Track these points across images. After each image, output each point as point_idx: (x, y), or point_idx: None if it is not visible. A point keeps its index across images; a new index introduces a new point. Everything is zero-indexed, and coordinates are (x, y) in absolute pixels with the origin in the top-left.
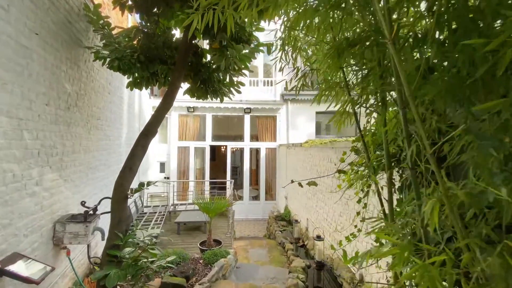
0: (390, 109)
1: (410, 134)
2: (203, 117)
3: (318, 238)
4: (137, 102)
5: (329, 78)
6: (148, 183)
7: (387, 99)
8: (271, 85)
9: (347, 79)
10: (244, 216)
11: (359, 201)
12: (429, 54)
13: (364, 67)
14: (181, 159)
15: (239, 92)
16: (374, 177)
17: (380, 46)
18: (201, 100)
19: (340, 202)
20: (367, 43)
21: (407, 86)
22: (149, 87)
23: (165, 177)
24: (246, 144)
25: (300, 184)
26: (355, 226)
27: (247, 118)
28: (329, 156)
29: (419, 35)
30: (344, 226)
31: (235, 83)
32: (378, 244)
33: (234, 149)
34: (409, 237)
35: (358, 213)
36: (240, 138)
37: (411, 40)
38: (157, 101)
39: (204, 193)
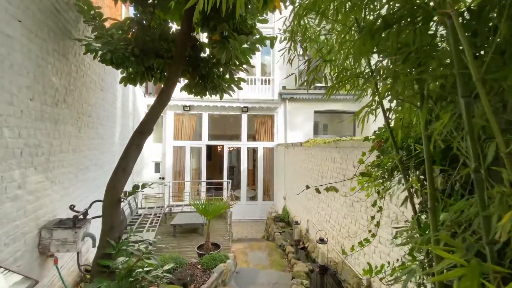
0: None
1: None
2: (199, 116)
3: (321, 241)
4: (131, 100)
5: (350, 68)
6: (143, 185)
7: (424, 91)
8: (269, 83)
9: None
10: (242, 217)
11: (374, 204)
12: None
13: (399, 51)
14: (177, 159)
15: (240, 88)
16: (415, 180)
17: (424, 24)
18: (197, 98)
19: (345, 204)
20: (406, 22)
21: (474, 68)
22: (144, 83)
23: (160, 178)
24: (243, 144)
25: (317, 190)
26: (370, 231)
27: (244, 117)
28: (332, 156)
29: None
30: (350, 229)
31: (236, 79)
32: (410, 257)
33: (231, 149)
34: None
35: (373, 217)
36: (237, 137)
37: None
38: (152, 100)
39: (200, 194)
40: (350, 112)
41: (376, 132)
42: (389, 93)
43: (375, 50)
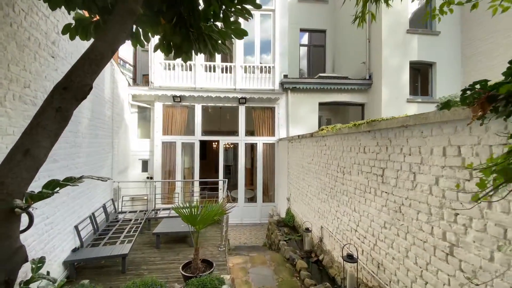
0: None
1: None
2: (192, 108)
3: (350, 258)
4: (109, 87)
5: None
6: (59, 184)
7: None
8: (269, 72)
9: None
10: (239, 221)
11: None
12: None
13: None
14: (167, 156)
15: (242, 35)
16: None
17: None
18: (189, 87)
19: (385, 208)
20: None
21: None
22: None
23: (148, 177)
24: (241, 139)
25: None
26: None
27: (241, 110)
28: (361, 144)
29: None
30: (396, 244)
31: (233, 21)
32: None
33: (227, 146)
34: None
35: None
36: (234, 133)
37: None
38: (138, 90)
39: (192, 195)
40: (357, 103)
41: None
42: None
43: None
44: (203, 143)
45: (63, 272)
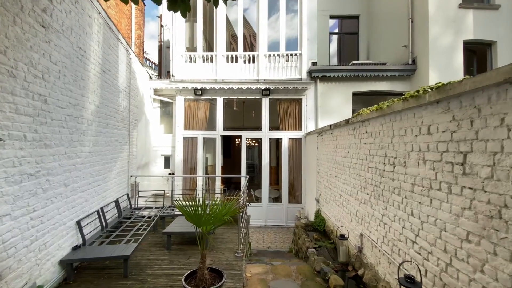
0: None
1: None
2: (213, 102)
3: (409, 281)
4: (125, 76)
5: None
6: None
7: None
8: (296, 60)
9: None
10: (263, 222)
11: None
12: None
13: None
14: (188, 152)
15: None
16: None
17: None
18: (210, 79)
19: (469, 211)
20: None
21: None
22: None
23: (169, 173)
24: (264, 134)
25: None
26: None
27: (265, 102)
28: (423, 123)
29: None
30: (490, 266)
31: None
32: None
33: (250, 142)
34: None
35: None
36: (257, 129)
37: None
38: (159, 83)
39: (211, 192)
40: (398, 92)
41: None
42: None
43: None
44: (227, 141)
45: (59, 273)
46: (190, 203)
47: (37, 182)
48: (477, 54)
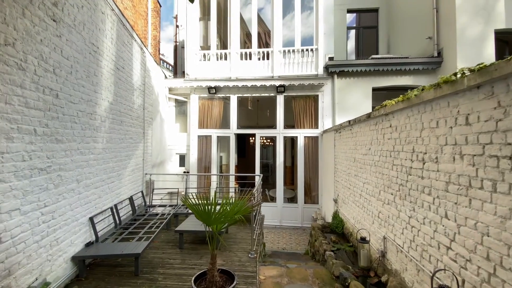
0: None
1: None
2: (227, 101)
3: None
4: (139, 73)
5: None
6: None
7: None
8: (312, 55)
9: None
10: (278, 222)
11: None
12: None
13: None
14: (202, 150)
15: None
16: None
17: None
18: (224, 77)
19: None
20: None
21: None
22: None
23: (184, 172)
24: (279, 132)
25: None
26: None
27: (280, 99)
28: (460, 112)
29: None
30: None
31: None
32: None
33: (264, 141)
34: None
35: None
36: (271, 127)
37: None
38: (173, 82)
39: (224, 191)
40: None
41: None
42: None
43: None
44: (242, 141)
45: (72, 269)
46: (200, 200)
47: (48, 177)
48: (509, 45)
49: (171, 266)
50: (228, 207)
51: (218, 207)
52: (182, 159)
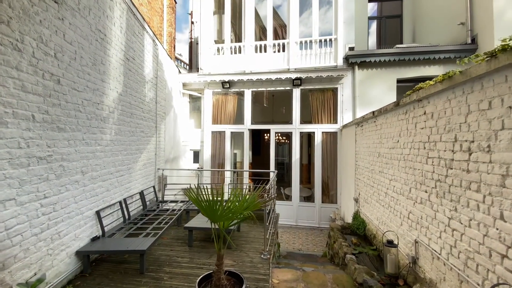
0: None
1: None
2: (241, 96)
3: None
4: (151, 66)
5: None
6: None
7: None
8: (330, 45)
9: None
10: (294, 222)
11: None
12: None
13: None
14: (216, 147)
15: None
16: None
17: None
18: (238, 71)
19: None
20: None
21: None
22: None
23: (198, 168)
24: (295, 127)
25: None
26: None
27: (296, 93)
28: None
29: None
30: None
31: None
32: None
33: (280, 138)
34: None
35: None
36: (287, 123)
37: None
38: (187, 77)
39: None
40: None
41: None
42: None
43: None
44: (257, 138)
45: (76, 264)
46: (205, 194)
47: (48, 167)
48: None
49: (178, 265)
50: (237, 203)
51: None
52: (196, 156)
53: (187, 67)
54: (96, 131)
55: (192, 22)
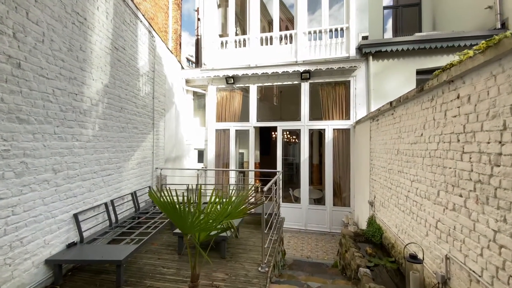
0: None
1: None
2: (246, 90)
3: None
4: (146, 59)
5: None
6: None
7: None
8: (342, 35)
9: None
10: (302, 226)
11: None
12: None
13: None
14: (220, 145)
15: None
16: None
17: None
18: (243, 65)
19: None
20: None
21: None
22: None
23: (202, 168)
24: (303, 124)
25: None
26: None
27: (304, 87)
28: None
29: None
30: None
31: None
32: None
33: (289, 137)
34: None
35: None
36: (295, 120)
37: None
38: (190, 72)
39: (241, 187)
40: None
41: None
42: None
43: None
44: (266, 138)
45: (45, 275)
46: (170, 196)
47: (4, 163)
48: None
49: (162, 277)
50: (218, 207)
51: (219, 207)
52: (201, 155)
53: (194, 65)
54: (74, 124)
55: (199, 19)
